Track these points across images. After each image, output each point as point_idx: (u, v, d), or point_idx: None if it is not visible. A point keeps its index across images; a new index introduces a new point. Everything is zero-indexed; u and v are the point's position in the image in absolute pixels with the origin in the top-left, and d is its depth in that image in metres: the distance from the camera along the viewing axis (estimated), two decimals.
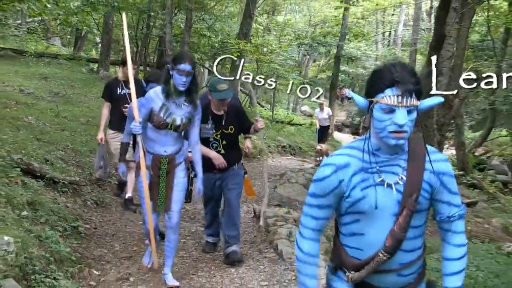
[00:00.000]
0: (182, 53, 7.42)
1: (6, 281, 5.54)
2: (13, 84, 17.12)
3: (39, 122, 13.50)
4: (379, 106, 3.31)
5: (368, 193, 3.62)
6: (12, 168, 8.93)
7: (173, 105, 6.85)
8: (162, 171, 6.99)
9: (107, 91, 10.88)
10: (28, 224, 7.34)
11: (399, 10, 46.81)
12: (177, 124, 6.85)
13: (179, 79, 6.60)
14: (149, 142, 6.98)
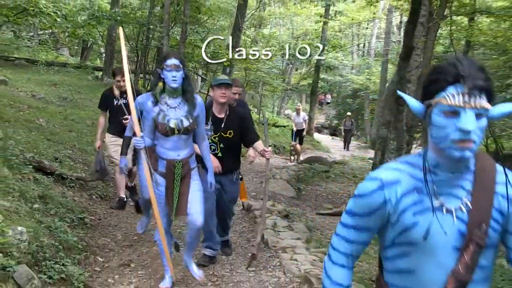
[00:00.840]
0: (168, 52, 7.11)
1: (20, 267, 5.53)
2: (26, 90, 17.08)
3: (49, 124, 13.48)
4: (440, 108, 2.41)
5: (422, 220, 2.66)
6: (25, 166, 8.93)
7: (169, 109, 6.25)
8: (177, 176, 6.33)
9: (103, 102, 10.42)
10: (39, 216, 7.33)
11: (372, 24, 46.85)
12: (180, 127, 6.18)
13: (170, 75, 6.08)
14: (161, 149, 6.36)
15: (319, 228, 11.89)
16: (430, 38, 16.56)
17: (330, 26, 38.25)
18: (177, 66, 6.08)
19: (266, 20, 41.48)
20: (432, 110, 2.54)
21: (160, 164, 6.39)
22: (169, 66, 6.04)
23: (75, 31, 23.72)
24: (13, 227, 5.97)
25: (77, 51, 31.17)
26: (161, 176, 6.38)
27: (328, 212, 13.94)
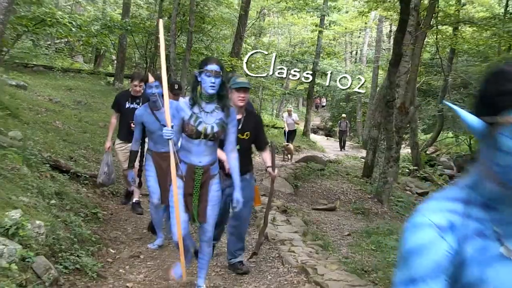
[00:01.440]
0: (209, 57, 6.17)
1: (38, 258, 5.55)
2: (44, 94, 17.08)
3: (65, 126, 13.49)
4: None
5: (490, 273, 1.87)
6: (43, 164, 8.97)
7: (203, 113, 5.60)
8: (197, 182, 5.69)
9: (116, 103, 9.79)
10: (56, 211, 7.34)
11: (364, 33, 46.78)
12: (208, 133, 5.54)
13: (208, 80, 5.40)
14: (184, 152, 5.74)
15: (315, 222, 11.90)
16: (417, 46, 16.57)
17: (325, 35, 38.19)
18: (217, 73, 5.46)
19: (265, 29, 41.46)
20: (499, 130, 1.75)
21: (182, 167, 5.77)
22: (209, 71, 5.41)
23: (88, 39, 23.71)
24: (31, 221, 5.98)
25: (91, 58, 31.16)
26: (180, 179, 5.75)
27: (323, 207, 13.94)
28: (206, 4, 26.16)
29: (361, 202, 15.01)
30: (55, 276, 5.74)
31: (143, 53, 25.34)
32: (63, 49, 29.10)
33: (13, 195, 6.63)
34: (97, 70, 27.07)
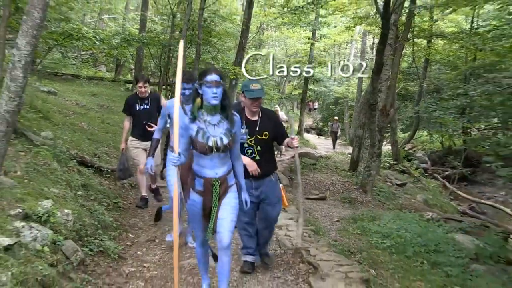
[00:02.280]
0: (207, 68, 5.38)
1: (67, 241, 5.56)
2: (71, 99, 17.07)
3: (89, 126, 13.49)
4: None
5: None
6: (70, 160, 8.99)
7: (209, 127, 4.91)
8: (215, 195, 4.99)
9: (127, 106, 9.21)
10: (82, 201, 7.36)
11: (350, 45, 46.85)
12: (219, 146, 4.87)
13: (210, 91, 4.76)
14: (198, 167, 5.02)
15: (308, 210, 11.90)
16: (396, 56, 16.56)
17: (316, 47, 38.26)
18: (218, 83, 4.80)
19: (264, 42, 41.46)
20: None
21: (197, 182, 5.06)
22: (209, 82, 4.76)
23: (110, 51, 23.67)
24: (61, 209, 5.98)
25: (112, 67, 31.10)
26: (198, 195, 5.06)
27: (315, 197, 13.94)
28: (212, 20, 26.17)
29: (348, 192, 15.02)
30: (82, 257, 5.75)
31: (158, 63, 25.27)
32: (88, 60, 29.12)
33: (45, 187, 6.63)
34: (117, 78, 27.02)
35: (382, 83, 15.75)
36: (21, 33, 5.77)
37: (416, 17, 20.31)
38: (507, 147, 10.40)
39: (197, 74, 5.49)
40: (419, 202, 16.40)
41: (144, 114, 8.97)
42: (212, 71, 4.87)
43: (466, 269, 8.39)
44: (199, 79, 4.86)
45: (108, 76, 26.05)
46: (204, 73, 4.86)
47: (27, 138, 8.31)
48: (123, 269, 6.34)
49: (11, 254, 4.58)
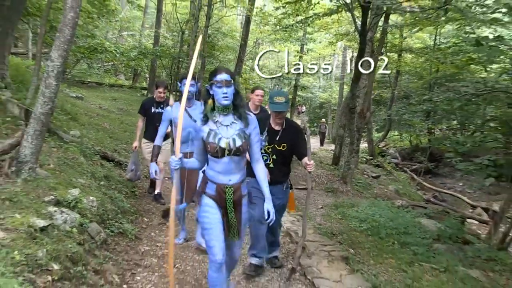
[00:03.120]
0: (217, 67, 4.45)
1: (92, 224, 5.58)
2: (95, 103, 17.06)
3: (111, 126, 13.48)
4: None
5: None
6: (94, 155, 9.00)
7: (222, 127, 4.22)
8: (229, 202, 4.28)
9: (142, 108, 8.74)
10: (104, 190, 7.35)
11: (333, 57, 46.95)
12: (231, 147, 4.16)
13: (220, 91, 4.13)
14: (211, 172, 4.32)
15: (296, 198, 11.89)
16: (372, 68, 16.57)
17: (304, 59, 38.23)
18: (228, 82, 4.15)
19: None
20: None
21: (209, 186, 4.35)
22: (219, 82, 4.12)
23: (128, 63, 23.69)
24: (87, 197, 5.99)
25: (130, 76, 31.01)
26: (211, 199, 4.33)
27: (302, 187, 13.95)
28: (215, 36, 26.28)
29: (331, 183, 15.02)
30: (104, 238, 5.77)
31: (169, 72, 25.38)
32: (109, 70, 29.11)
33: (73, 177, 6.64)
34: (134, 85, 26.97)
35: (360, 90, 15.78)
36: (54, 48, 5.79)
37: (389, 35, 20.36)
38: (464, 145, 10.43)
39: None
40: (391, 191, 16.47)
41: (158, 117, 7.92)
42: (221, 70, 4.17)
43: (430, 248, 8.43)
44: (209, 79, 4.17)
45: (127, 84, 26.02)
46: (214, 73, 4.18)
47: (58, 136, 8.31)
48: (139, 248, 6.36)
49: (46, 234, 4.60)
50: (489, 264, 7.86)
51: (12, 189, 5.16)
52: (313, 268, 6.30)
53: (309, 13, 19.78)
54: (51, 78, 5.73)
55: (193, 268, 5.95)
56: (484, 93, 9.87)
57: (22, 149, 5.69)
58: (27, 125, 6.15)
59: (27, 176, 5.59)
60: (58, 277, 4.21)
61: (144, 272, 5.65)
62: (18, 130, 6.84)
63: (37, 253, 4.16)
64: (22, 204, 4.89)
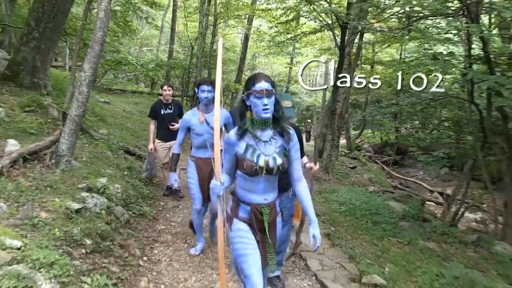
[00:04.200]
0: (255, 74, 3.31)
1: (117, 207, 5.61)
2: (120, 106, 17.03)
3: (132, 126, 13.48)
4: None
5: None
6: (119, 150, 9.01)
7: (261, 143, 3.17)
8: (266, 223, 3.29)
9: (152, 112, 7.99)
10: (127, 178, 7.38)
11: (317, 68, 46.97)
12: (271, 166, 3.15)
13: (260, 103, 3.05)
14: (243, 191, 3.29)
15: None
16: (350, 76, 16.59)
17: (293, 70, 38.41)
18: (269, 92, 3.04)
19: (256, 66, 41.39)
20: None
21: (241, 209, 3.28)
22: (258, 92, 3.03)
23: (147, 73, 23.62)
24: (113, 184, 6.02)
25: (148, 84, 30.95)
26: (244, 223, 3.27)
27: None
28: None
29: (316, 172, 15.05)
30: (127, 218, 5.80)
31: (181, 81, 25.36)
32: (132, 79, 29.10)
33: (101, 168, 6.66)
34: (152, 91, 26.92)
35: (339, 95, 15.79)
36: (86, 61, 5.82)
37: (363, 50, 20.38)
38: (424, 141, 10.53)
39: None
40: (365, 179, 16.49)
41: (168, 118, 7.88)
42: (261, 77, 3.05)
43: (396, 226, 8.49)
44: (246, 87, 3.10)
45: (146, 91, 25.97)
46: (252, 81, 3.07)
47: (89, 134, 8.33)
48: (156, 227, 6.40)
49: (80, 215, 4.64)
50: (443, 238, 7.93)
51: (52, 178, 5.20)
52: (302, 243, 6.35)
53: (298, 31, 20.02)
54: (84, 86, 5.77)
55: None
56: (440, 98, 9.95)
57: (60, 145, 5.72)
58: (64, 125, 6.18)
59: (64, 167, 5.63)
60: (90, 250, 4.25)
61: (161, 247, 5.69)
62: (57, 129, 6.87)
63: (73, 230, 4.20)
64: (60, 190, 4.93)
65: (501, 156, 8.00)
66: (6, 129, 6.28)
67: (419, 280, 5.42)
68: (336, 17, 12.96)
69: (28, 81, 8.76)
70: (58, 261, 3.40)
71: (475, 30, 6.84)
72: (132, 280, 4.45)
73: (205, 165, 5.16)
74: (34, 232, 3.82)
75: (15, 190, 4.50)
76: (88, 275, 3.78)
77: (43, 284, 3.06)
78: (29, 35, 8.75)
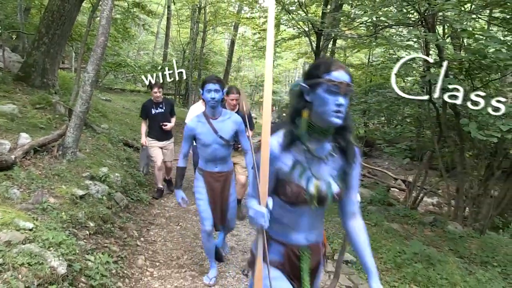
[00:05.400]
0: (326, 59, 1.78)
1: (117, 193, 5.63)
2: (120, 104, 16.94)
3: (131, 121, 13.42)
4: None
5: None
6: (119, 142, 8.96)
7: (312, 161, 1.83)
8: (304, 272, 1.96)
9: (143, 111, 7.31)
10: (126, 168, 7.37)
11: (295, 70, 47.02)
12: (323, 195, 1.83)
13: (332, 101, 1.69)
14: (277, 226, 1.94)
15: None
16: None
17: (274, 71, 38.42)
18: (348, 88, 1.74)
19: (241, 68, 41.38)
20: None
21: (273, 248, 1.99)
22: (335, 84, 1.71)
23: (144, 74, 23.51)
24: (113, 173, 6.02)
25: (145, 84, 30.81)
26: (277, 269, 1.99)
27: None
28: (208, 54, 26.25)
29: None
30: (126, 203, 5.82)
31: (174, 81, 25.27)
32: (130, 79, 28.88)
33: (103, 159, 6.65)
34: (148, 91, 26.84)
35: None
36: (90, 63, 5.81)
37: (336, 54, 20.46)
38: (389, 134, 10.66)
39: None
40: None
41: (160, 117, 7.17)
42: (339, 66, 1.80)
43: (365, 209, 8.56)
44: (313, 74, 1.82)
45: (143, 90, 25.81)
46: (326, 67, 1.78)
47: (92, 128, 8.31)
48: (152, 211, 6.42)
49: (84, 200, 4.65)
50: (405, 219, 8.06)
51: (59, 167, 5.20)
52: None
53: (278, 37, 20.06)
54: (87, 85, 5.76)
55: (192, 226, 6.02)
56: (403, 97, 10.07)
57: (66, 138, 5.71)
58: (70, 120, 6.17)
59: (70, 158, 5.62)
60: (94, 231, 4.28)
61: (156, 228, 5.72)
62: (63, 124, 6.85)
63: (78, 214, 4.22)
64: (66, 178, 4.93)
65: (454, 148, 8.17)
66: (19, 124, 6.25)
67: (384, 256, 5.54)
68: (312, 25, 13.02)
69: (38, 82, 8.79)
70: (65, 241, 3.43)
71: (432, 39, 6.97)
72: (131, 258, 4.49)
73: (215, 180, 3.99)
74: (44, 215, 3.84)
75: (27, 178, 4.50)
76: (92, 254, 3.81)
77: (52, 261, 3.10)
78: (40, 40, 8.82)
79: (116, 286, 3.70)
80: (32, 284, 2.81)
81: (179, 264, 4.65)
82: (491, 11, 8.49)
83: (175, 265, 4.62)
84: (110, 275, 3.75)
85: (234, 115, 3.94)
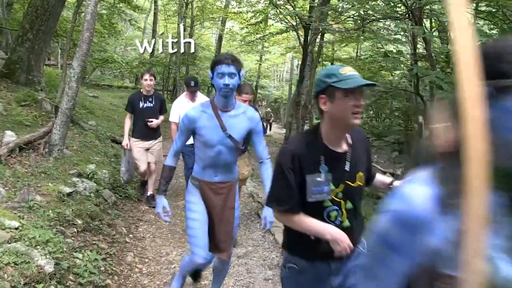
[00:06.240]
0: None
1: (105, 190, 5.61)
2: (107, 100, 16.82)
3: (118, 117, 13.31)
4: None
5: None
6: (106, 139, 8.92)
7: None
8: None
9: (130, 104, 6.34)
10: (114, 164, 7.33)
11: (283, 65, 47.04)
12: None
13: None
14: None
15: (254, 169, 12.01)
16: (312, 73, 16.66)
17: (262, 66, 38.36)
18: None
19: None
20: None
21: None
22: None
23: (132, 70, 23.36)
24: (101, 170, 5.99)
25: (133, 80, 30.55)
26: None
27: None
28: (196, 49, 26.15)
29: None
30: (114, 200, 5.79)
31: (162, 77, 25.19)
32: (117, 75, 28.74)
33: (90, 156, 6.61)
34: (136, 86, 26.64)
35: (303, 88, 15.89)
36: (75, 59, 5.77)
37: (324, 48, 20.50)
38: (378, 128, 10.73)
39: None
40: None
41: (147, 112, 6.23)
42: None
43: None
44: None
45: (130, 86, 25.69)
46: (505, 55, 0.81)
47: (80, 125, 8.25)
48: (141, 207, 6.39)
49: (71, 198, 4.62)
50: None
51: (46, 165, 5.15)
52: None
53: (266, 32, 20.03)
54: (73, 81, 5.71)
55: (181, 221, 6.01)
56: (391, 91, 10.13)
57: (53, 135, 5.67)
58: (56, 117, 6.11)
59: (57, 155, 5.58)
60: (81, 229, 4.25)
61: (145, 225, 5.70)
62: (49, 121, 6.78)
63: (65, 211, 4.19)
64: (53, 176, 4.89)
65: None
66: (4, 122, 6.18)
67: None
68: (300, 19, 13.02)
69: (23, 78, 8.69)
70: (52, 239, 3.41)
71: (419, 32, 7.01)
72: (120, 255, 4.46)
73: (214, 193, 2.98)
74: (30, 214, 3.80)
75: (12, 176, 4.46)
76: (80, 251, 3.79)
77: (39, 259, 3.07)
78: (24, 36, 8.70)
79: (105, 283, 3.68)
80: (19, 283, 2.79)
81: (168, 260, 4.64)
82: (477, 4, 8.55)
83: (164, 261, 4.61)
84: (99, 272, 3.73)
85: (250, 109, 2.98)
